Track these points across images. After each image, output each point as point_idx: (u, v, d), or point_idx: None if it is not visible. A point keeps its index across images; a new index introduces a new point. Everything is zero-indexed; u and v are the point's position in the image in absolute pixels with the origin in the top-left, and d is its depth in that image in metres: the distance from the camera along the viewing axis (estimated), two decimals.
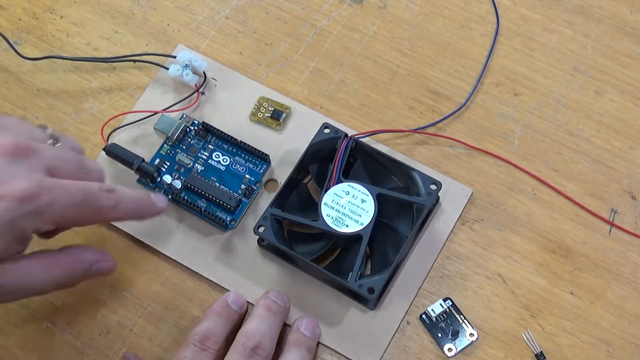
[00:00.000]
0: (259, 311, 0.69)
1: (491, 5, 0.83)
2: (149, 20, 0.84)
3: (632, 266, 0.72)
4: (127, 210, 0.67)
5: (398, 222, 0.73)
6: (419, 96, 0.79)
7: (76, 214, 0.63)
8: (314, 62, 0.81)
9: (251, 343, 0.66)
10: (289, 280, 0.73)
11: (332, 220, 0.70)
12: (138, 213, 0.69)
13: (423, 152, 0.77)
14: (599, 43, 0.81)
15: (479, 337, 0.71)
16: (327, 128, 0.74)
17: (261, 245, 0.74)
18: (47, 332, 0.73)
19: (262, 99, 0.79)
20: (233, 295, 0.71)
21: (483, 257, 0.73)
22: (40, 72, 0.82)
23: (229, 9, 0.84)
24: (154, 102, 0.80)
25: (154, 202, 0.70)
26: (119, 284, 0.74)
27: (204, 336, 0.67)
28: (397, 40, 0.82)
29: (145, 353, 0.72)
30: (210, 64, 0.81)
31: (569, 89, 0.79)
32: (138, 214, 0.69)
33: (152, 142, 0.78)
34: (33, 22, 0.85)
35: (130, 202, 0.67)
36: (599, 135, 0.77)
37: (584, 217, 0.74)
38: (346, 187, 0.71)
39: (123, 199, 0.66)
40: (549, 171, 0.76)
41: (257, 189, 0.76)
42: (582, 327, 0.71)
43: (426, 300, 0.72)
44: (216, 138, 0.78)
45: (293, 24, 0.83)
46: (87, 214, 0.64)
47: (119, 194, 0.65)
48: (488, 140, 0.77)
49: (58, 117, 0.80)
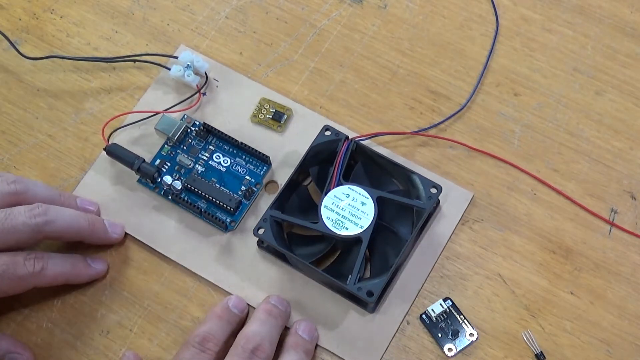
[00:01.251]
0: (260, 314, 0.69)
1: (491, 5, 0.83)
2: (149, 20, 0.84)
3: (632, 266, 0.73)
4: (53, 275, 0.70)
5: (398, 225, 0.73)
6: (419, 96, 0.79)
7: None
8: (314, 62, 0.81)
9: (251, 345, 0.66)
10: (288, 282, 0.73)
11: (332, 222, 0.70)
12: (68, 278, 0.72)
13: (423, 153, 0.77)
14: (599, 43, 0.81)
15: (479, 337, 0.71)
16: (328, 130, 0.74)
17: (261, 246, 0.74)
18: (47, 332, 0.73)
19: (263, 100, 0.79)
20: (234, 299, 0.71)
21: (483, 257, 0.73)
22: (40, 72, 0.82)
23: (229, 9, 0.84)
24: (155, 103, 0.80)
25: (88, 265, 0.73)
26: (119, 284, 0.74)
27: (204, 338, 0.67)
28: (397, 40, 0.82)
29: (145, 353, 0.72)
30: (211, 64, 0.81)
31: (569, 89, 0.79)
32: (68, 279, 0.72)
33: (153, 143, 0.78)
34: (33, 22, 0.85)
35: (57, 268, 0.70)
36: (599, 135, 0.77)
37: (584, 217, 0.74)
38: (346, 190, 0.71)
39: (49, 265, 0.69)
40: (549, 171, 0.76)
41: (257, 190, 0.76)
42: (582, 327, 0.71)
43: (426, 300, 0.72)
44: (217, 139, 0.78)
45: (293, 24, 0.83)
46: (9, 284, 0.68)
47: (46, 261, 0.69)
48: (488, 140, 0.77)
49: (58, 117, 0.80)
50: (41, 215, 0.69)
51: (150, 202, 0.76)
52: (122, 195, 0.77)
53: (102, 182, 0.77)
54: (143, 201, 0.76)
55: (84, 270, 0.73)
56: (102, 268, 0.74)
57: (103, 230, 0.74)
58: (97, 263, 0.74)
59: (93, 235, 0.73)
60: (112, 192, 0.77)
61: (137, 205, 0.76)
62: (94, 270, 0.73)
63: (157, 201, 0.76)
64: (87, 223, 0.72)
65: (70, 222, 0.71)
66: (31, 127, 0.80)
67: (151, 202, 0.76)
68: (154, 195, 0.76)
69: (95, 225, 0.73)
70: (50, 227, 0.69)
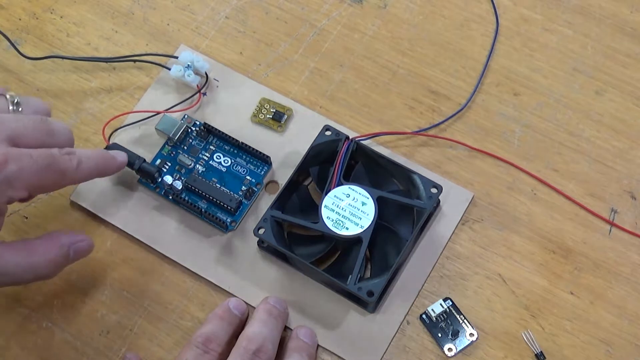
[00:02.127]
0: (260, 315, 0.69)
1: (491, 5, 0.83)
2: (149, 20, 0.84)
3: (632, 266, 0.73)
4: (89, 168, 0.69)
5: (398, 225, 0.73)
6: (419, 96, 0.79)
7: (43, 180, 0.65)
8: (314, 62, 0.81)
9: (253, 346, 0.66)
10: (289, 282, 0.73)
11: (332, 222, 0.70)
12: (100, 170, 0.70)
13: (423, 153, 0.77)
14: (599, 43, 0.81)
15: (479, 337, 0.71)
16: (328, 130, 0.74)
17: (261, 246, 0.74)
18: (47, 332, 0.73)
19: (263, 100, 0.79)
20: (235, 301, 0.71)
21: (483, 257, 0.73)
22: (40, 72, 0.82)
23: (229, 9, 0.84)
24: (155, 102, 0.80)
25: (113, 157, 0.72)
26: (119, 284, 0.74)
27: (207, 338, 0.67)
28: (397, 40, 0.82)
29: (145, 353, 0.72)
30: (211, 64, 0.81)
31: (569, 89, 0.79)
32: (100, 171, 0.71)
33: (154, 143, 0.78)
34: (33, 22, 0.85)
35: (91, 161, 0.69)
36: (599, 135, 0.77)
37: (584, 217, 0.75)
38: (347, 190, 0.71)
39: (84, 159, 0.68)
40: (549, 171, 0.76)
41: (257, 190, 0.76)
42: (582, 327, 0.71)
43: (426, 300, 0.72)
44: (217, 139, 0.78)
45: (293, 24, 0.83)
46: (54, 178, 0.66)
47: (79, 155, 0.67)
48: (488, 140, 0.77)
49: (58, 117, 0.80)
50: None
51: (151, 202, 0.76)
52: (123, 195, 0.77)
53: (102, 181, 0.77)
54: (143, 201, 0.76)
55: (111, 161, 0.72)
56: (125, 159, 0.73)
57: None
58: (119, 155, 0.73)
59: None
60: (112, 192, 0.77)
61: (137, 205, 0.76)
62: (119, 160, 0.72)
63: (158, 201, 0.76)
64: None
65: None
66: None
67: (152, 202, 0.76)
68: (154, 195, 0.76)
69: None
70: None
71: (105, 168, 0.71)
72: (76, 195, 0.77)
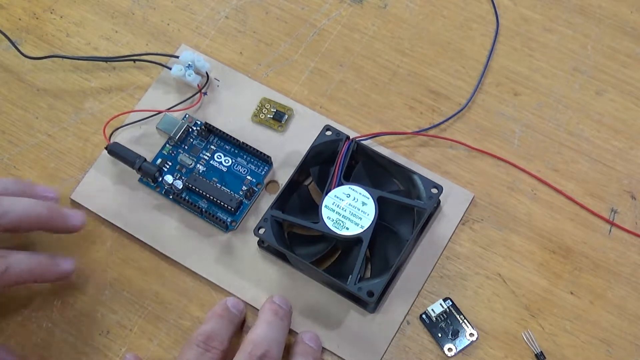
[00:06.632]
0: (266, 316, 0.69)
1: (491, 5, 0.83)
2: (149, 20, 0.84)
3: (632, 266, 0.73)
4: (18, 275, 0.67)
5: (399, 226, 0.73)
6: (419, 96, 0.79)
7: None
8: (314, 62, 0.81)
9: (259, 351, 0.65)
10: (289, 282, 0.73)
11: (332, 222, 0.70)
12: (35, 276, 0.69)
13: (424, 153, 0.77)
14: (599, 43, 0.81)
15: (479, 337, 0.71)
16: (329, 130, 0.74)
17: (261, 246, 0.74)
18: (47, 332, 0.73)
19: (264, 100, 0.79)
20: (232, 300, 0.71)
21: (483, 257, 0.73)
22: (41, 72, 0.82)
23: (229, 8, 0.84)
24: (156, 102, 0.80)
25: (55, 264, 0.70)
26: (119, 284, 0.74)
27: (209, 337, 0.67)
28: (397, 40, 0.82)
29: (145, 353, 0.72)
30: (211, 64, 0.81)
31: (569, 89, 0.79)
32: (36, 277, 0.69)
33: (154, 142, 0.78)
34: (33, 21, 0.84)
35: (23, 266, 0.67)
36: (599, 135, 0.77)
37: (584, 217, 0.75)
38: (347, 190, 0.71)
39: (14, 263, 0.66)
40: (549, 171, 0.76)
41: (258, 190, 0.76)
42: (582, 327, 0.71)
43: (426, 300, 0.72)
44: (218, 139, 0.78)
45: (293, 24, 0.83)
46: None
47: (10, 260, 0.66)
48: (488, 140, 0.77)
49: (58, 116, 0.80)
50: None
51: (151, 202, 0.76)
52: (123, 194, 0.77)
53: (103, 181, 0.77)
54: (144, 200, 0.76)
55: (51, 268, 0.70)
56: (69, 267, 0.71)
57: (62, 217, 0.71)
58: (64, 262, 0.71)
59: (51, 222, 0.70)
60: (113, 192, 0.77)
61: (138, 204, 0.76)
62: (61, 269, 0.71)
63: (158, 201, 0.76)
64: (45, 211, 0.69)
65: (26, 211, 0.68)
66: (31, 127, 0.80)
67: (152, 202, 0.76)
68: (155, 194, 0.76)
69: (54, 212, 0.70)
70: (6, 219, 0.66)
71: (43, 274, 0.70)
72: (76, 195, 0.77)
